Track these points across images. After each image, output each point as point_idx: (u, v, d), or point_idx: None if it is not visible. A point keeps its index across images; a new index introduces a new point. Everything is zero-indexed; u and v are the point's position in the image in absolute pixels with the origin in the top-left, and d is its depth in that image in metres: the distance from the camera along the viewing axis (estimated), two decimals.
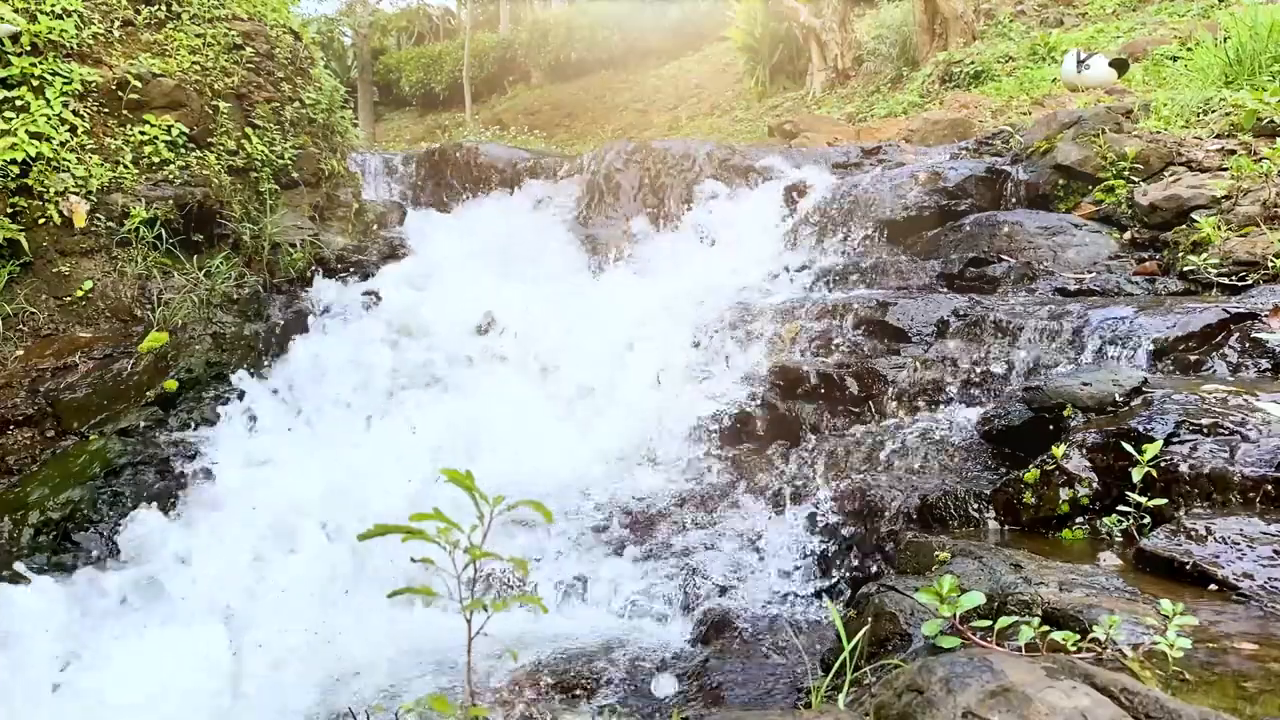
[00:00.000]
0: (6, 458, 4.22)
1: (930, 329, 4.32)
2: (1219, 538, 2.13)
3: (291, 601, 3.66)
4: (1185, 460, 2.47)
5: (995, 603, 1.94)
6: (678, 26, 20.53)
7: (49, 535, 4.04)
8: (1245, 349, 3.29)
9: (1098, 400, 2.87)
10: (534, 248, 6.72)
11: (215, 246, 5.21)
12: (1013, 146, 6.39)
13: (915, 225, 5.70)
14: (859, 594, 2.49)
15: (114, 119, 4.93)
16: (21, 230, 4.47)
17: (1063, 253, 4.86)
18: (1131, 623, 1.73)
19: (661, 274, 6.06)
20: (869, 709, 1.46)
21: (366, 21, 23.10)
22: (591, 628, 3.34)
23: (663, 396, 4.88)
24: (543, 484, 4.16)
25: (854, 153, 7.17)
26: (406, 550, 1.27)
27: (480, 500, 1.26)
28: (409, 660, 3.18)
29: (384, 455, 4.55)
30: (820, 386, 4.26)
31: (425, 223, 7.08)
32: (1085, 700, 1.25)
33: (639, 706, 2.77)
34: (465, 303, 5.75)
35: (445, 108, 23.36)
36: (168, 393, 4.65)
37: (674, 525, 3.91)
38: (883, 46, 13.48)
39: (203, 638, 3.43)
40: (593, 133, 17.48)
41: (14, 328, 4.47)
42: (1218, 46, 6.92)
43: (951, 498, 2.99)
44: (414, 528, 1.23)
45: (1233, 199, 4.55)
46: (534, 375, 5.24)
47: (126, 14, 5.15)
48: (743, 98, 16.31)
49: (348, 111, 6.68)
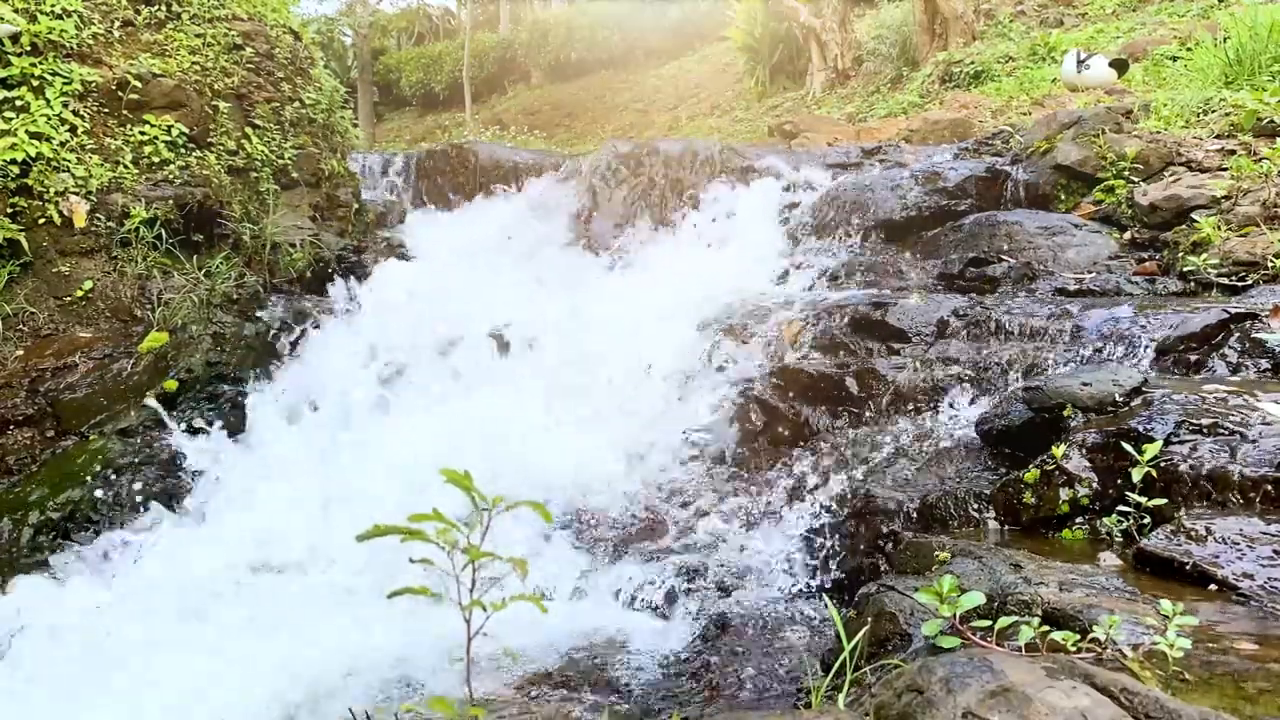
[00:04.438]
0: (6, 458, 4.22)
1: (930, 329, 4.32)
2: (1219, 538, 2.13)
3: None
4: (1185, 460, 2.47)
5: (995, 603, 1.93)
6: (678, 26, 20.53)
7: (49, 535, 4.04)
8: (1245, 349, 3.28)
9: (1098, 400, 2.87)
10: (534, 248, 6.73)
11: (215, 246, 5.21)
12: (1013, 146, 6.39)
13: (915, 225, 5.70)
14: (859, 594, 2.48)
15: (114, 119, 4.93)
16: (21, 230, 4.47)
17: (1063, 253, 4.86)
18: (1131, 623, 1.73)
19: (661, 274, 6.05)
20: (869, 709, 1.46)
21: (366, 21, 23.10)
22: (592, 627, 3.34)
23: (662, 396, 4.88)
24: (542, 484, 4.16)
25: (854, 153, 7.17)
26: (407, 550, 1.27)
27: (479, 501, 1.26)
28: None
29: (384, 455, 4.55)
30: (820, 386, 4.26)
31: (425, 223, 7.09)
32: (1085, 700, 1.25)
33: (639, 706, 2.77)
34: (465, 303, 5.75)
35: (445, 108, 23.36)
36: (168, 393, 4.65)
37: (674, 525, 3.91)
38: (883, 46, 13.47)
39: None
40: (593, 133, 17.48)
41: (14, 328, 4.47)
42: (1217, 47, 6.93)
43: (951, 498, 2.99)
44: (413, 528, 1.23)
45: (1233, 199, 4.55)
46: (534, 375, 5.24)
47: (126, 14, 5.15)
48: (743, 98, 16.31)
49: (348, 111, 6.68)
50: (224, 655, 3.21)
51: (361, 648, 3.19)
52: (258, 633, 3.40)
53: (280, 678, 3.01)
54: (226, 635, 3.38)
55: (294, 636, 3.31)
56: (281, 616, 3.50)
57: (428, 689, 2.91)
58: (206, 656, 3.21)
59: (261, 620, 3.50)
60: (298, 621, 3.43)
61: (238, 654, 3.20)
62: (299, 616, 3.50)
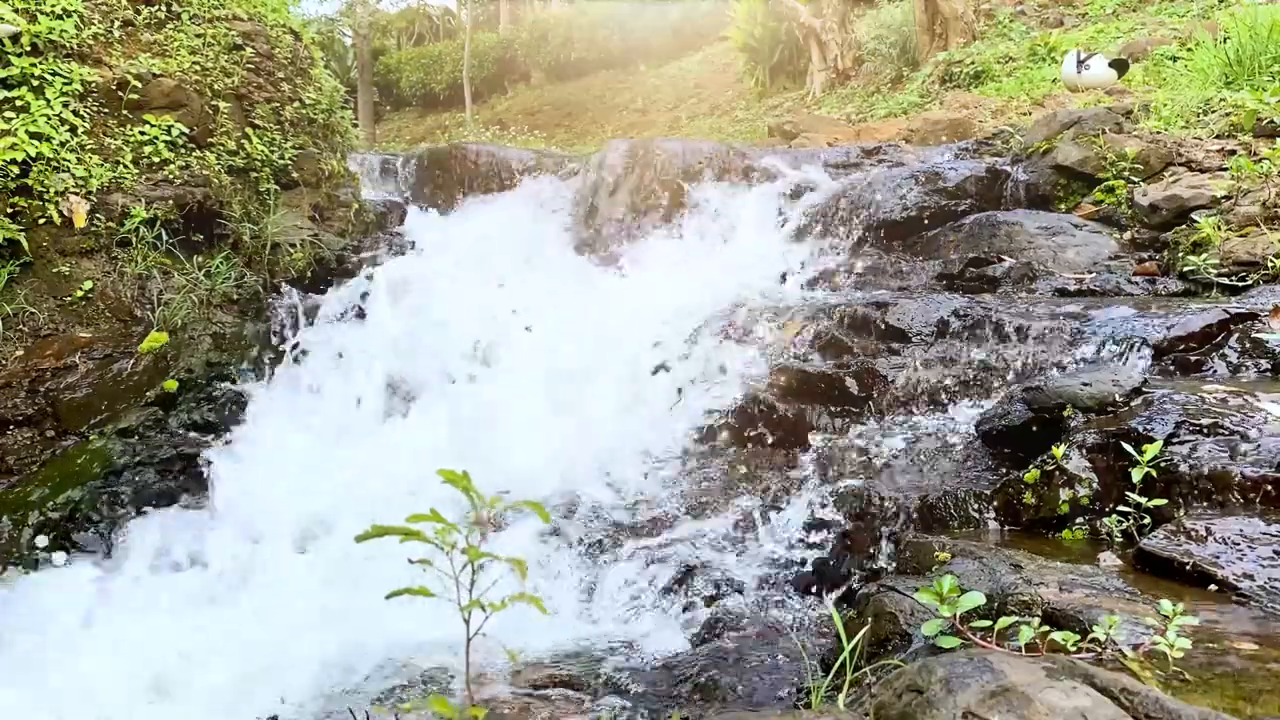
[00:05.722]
0: (6, 458, 4.22)
1: (930, 329, 4.32)
2: (1219, 538, 2.13)
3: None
4: (1185, 460, 2.47)
5: (995, 603, 1.94)
6: (678, 27, 20.53)
7: (49, 535, 4.04)
8: (1245, 349, 3.29)
9: (1098, 400, 2.87)
10: (534, 248, 6.72)
11: (215, 246, 5.21)
12: (1013, 147, 6.39)
13: (915, 225, 5.70)
14: (859, 594, 2.48)
15: (114, 119, 4.93)
16: (21, 230, 4.47)
17: (1063, 253, 4.86)
18: (1131, 623, 1.73)
19: (661, 274, 6.05)
20: (869, 709, 1.46)
21: (366, 22, 23.08)
22: (592, 627, 3.34)
23: (663, 397, 4.87)
24: (543, 484, 4.16)
25: (854, 153, 7.17)
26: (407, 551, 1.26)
27: (477, 500, 1.26)
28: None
29: (385, 456, 4.55)
30: (820, 386, 4.26)
31: (425, 223, 7.08)
32: (1085, 700, 1.25)
33: (639, 706, 2.77)
34: (465, 303, 5.75)
35: (445, 108, 23.36)
36: (168, 393, 4.65)
37: (674, 525, 3.91)
38: (883, 47, 13.47)
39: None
40: (593, 133, 17.48)
41: (14, 328, 4.47)
42: (1218, 47, 6.92)
43: (951, 498, 2.99)
44: (412, 529, 1.23)
45: (1233, 199, 4.55)
46: (534, 375, 5.24)
47: (126, 14, 5.15)
48: (743, 98, 16.31)
49: (348, 111, 6.68)
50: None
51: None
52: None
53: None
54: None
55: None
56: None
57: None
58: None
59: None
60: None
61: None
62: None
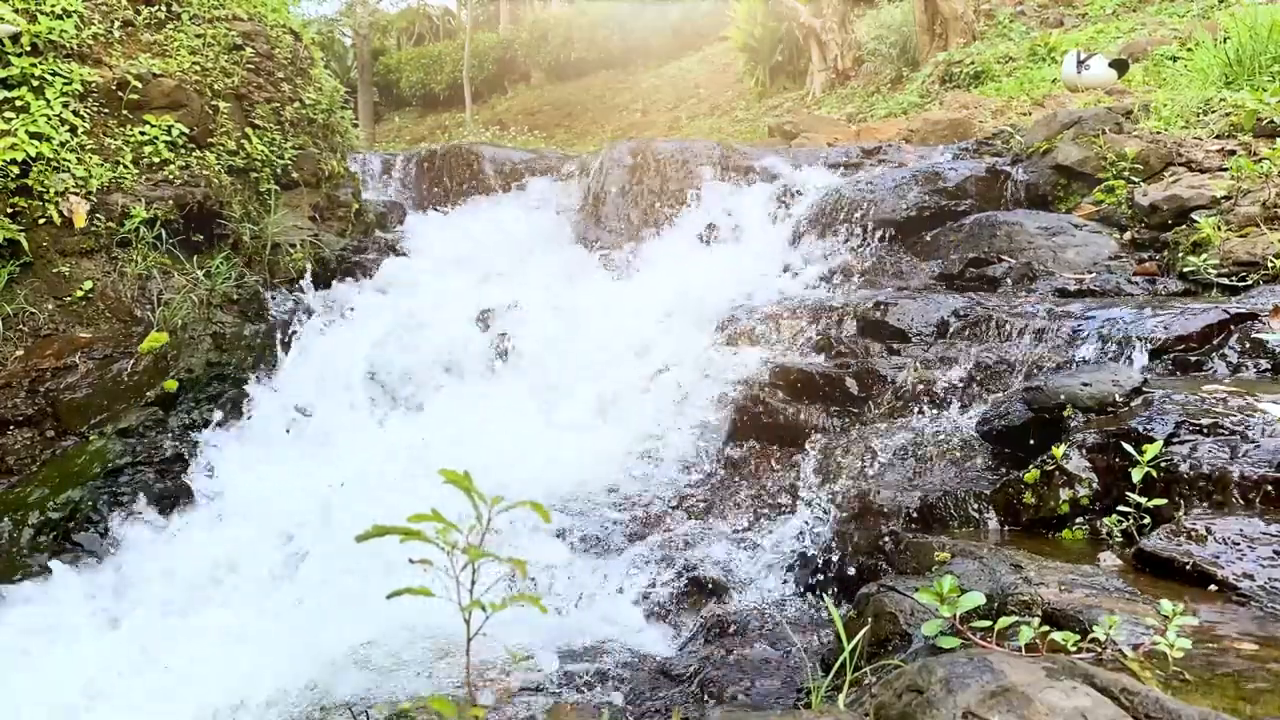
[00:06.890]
0: (6, 458, 4.22)
1: (930, 329, 4.32)
2: (1219, 538, 2.13)
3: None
4: (1185, 460, 2.47)
5: (995, 603, 1.94)
6: (678, 27, 20.53)
7: (49, 535, 4.04)
8: (1245, 349, 3.28)
9: (1098, 400, 2.87)
10: (535, 248, 6.72)
11: (215, 246, 5.21)
12: (1013, 147, 6.39)
13: (915, 225, 5.70)
14: (859, 594, 2.48)
15: (114, 119, 4.93)
16: (21, 230, 4.47)
17: (1063, 253, 4.86)
18: (1131, 623, 1.73)
19: (662, 274, 6.05)
20: (869, 709, 1.46)
21: (366, 22, 23.09)
22: (593, 627, 3.34)
23: (663, 397, 4.87)
24: (542, 485, 4.16)
25: (854, 153, 7.17)
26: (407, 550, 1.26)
27: (478, 501, 1.26)
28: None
29: (385, 456, 4.55)
30: (820, 386, 4.26)
31: (426, 223, 7.08)
32: (1085, 700, 1.25)
33: (639, 706, 2.77)
34: (465, 303, 5.75)
35: (445, 108, 23.37)
36: (168, 393, 4.65)
37: (675, 526, 3.91)
38: (883, 47, 13.47)
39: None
40: (593, 133, 17.48)
41: (14, 328, 4.47)
42: (1217, 47, 6.92)
43: (951, 498, 2.99)
44: (412, 529, 1.22)
45: (1233, 199, 4.55)
46: (534, 376, 5.24)
47: (126, 14, 5.15)
48: (743, 98, 16.31)
49: (348, 112, 6.68)
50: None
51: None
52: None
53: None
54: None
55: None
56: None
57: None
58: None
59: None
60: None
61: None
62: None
